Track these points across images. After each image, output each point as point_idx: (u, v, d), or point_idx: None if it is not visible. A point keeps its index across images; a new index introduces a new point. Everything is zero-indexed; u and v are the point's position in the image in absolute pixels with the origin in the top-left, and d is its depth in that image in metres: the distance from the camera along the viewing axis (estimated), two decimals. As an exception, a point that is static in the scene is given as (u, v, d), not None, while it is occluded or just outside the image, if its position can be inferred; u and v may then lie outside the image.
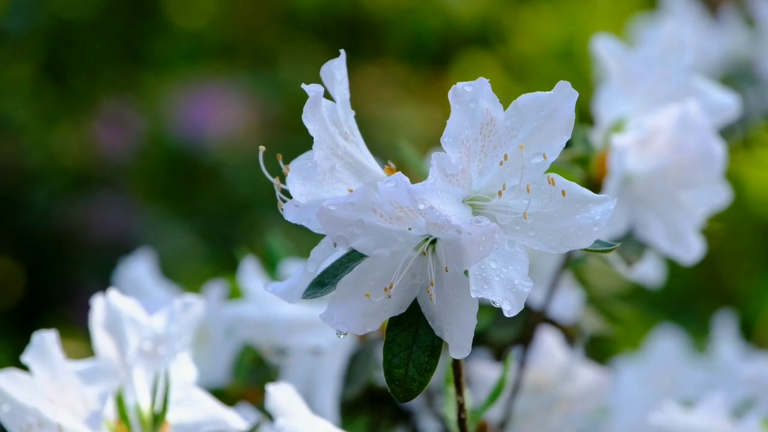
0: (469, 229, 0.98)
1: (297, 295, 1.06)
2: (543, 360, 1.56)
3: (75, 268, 3.65)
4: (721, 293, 3.46)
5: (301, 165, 1.04)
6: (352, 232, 0.99)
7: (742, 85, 1.65)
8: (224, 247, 3.36)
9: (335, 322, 1.02)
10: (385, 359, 1.04)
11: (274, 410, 1.15)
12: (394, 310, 1.04)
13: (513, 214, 1.03)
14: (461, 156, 1.01)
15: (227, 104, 3.89)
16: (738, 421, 1.55)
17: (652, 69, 1.48)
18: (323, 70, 1.05)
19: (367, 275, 1.02)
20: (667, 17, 2.09)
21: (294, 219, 1.04)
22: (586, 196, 1.03)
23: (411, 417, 1.62)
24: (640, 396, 1.96)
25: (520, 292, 1.00)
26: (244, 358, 1.64)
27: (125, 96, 3.90)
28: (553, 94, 1.03)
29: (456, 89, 1.01)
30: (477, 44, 3.96)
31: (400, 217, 0.99)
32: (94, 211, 3.72)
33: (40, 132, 3.76)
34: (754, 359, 2.01)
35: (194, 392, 1.28)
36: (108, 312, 1.24)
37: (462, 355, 1.02)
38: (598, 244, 1.03)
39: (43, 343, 1.19)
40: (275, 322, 1.53)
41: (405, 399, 1.04)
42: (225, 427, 1.28)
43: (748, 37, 2.27)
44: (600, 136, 1.47)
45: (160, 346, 1.25)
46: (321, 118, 1.04)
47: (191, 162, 3.83)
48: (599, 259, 1.59)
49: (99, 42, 3.91)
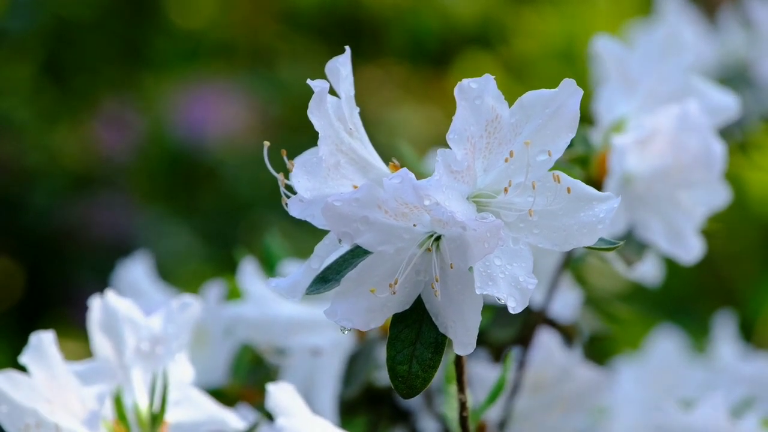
0: (474, 226, 0.98)
1: (300, 291, 1.06)
2: (542, 360, 1.56)
3: (75, 268, 3.65)
4: (721, 293, 3.46)
5: (305, 160, 1.05)
6: (356, 228, 0.99)
7: (738, 89, 1.65)
8: (224, 247, 3.35)
9: (339, 318, 1.02)
10: (389, 355, 1.03)
11: (274, 409, 1.15)
12: (398, 307, 1.04)
13: (518, 211, 1.03)
14: (466, 153, 1.01)
15: (227, 104, 3.89)
16: (737, 421, 1.55)
17: (652, 69, 1.48)
18: (328, 67, 1.05)
19: (371, 271, 1.02)
20: (664, 20, 2.09)
21: (299, 214, 1.04)
22: (590, 194, 1.03)
23: (410, 417, 1.62)
24: (639, 396, 1.95)
25: (524, 289, 1.00)
26: (242, 359, 1.64)
27: (125, 96, 3.90)
28: (558, 92, 1.03)
29: (462, 86, 1.01)
30: (477, 44, 3.96)
31: (404, 214, 0.99)
32: (94, 211, 3.72)
33: (40, 132, 3.76)
34: (753, 359, 2.01)
35: (192, 392, 1.28)
36: (105, 312, 1.25)
37: (466, 351, 1.02)
38: (602, 242, 1.04)
39: (41, 343, 1.19)
40: (274, 322, 1.53)
41: (408, 396, 1.04)
42: (223, 427, 1.28)
43: (744, 40, 2.27)
44: (600, 136, 1.47)
45: (158, 346, 1.25)
46: (326, 113, 1.04)
47: (191, 162, 3.83)
48: (599, 258, 1.59)
49: (99, 42, 3.91)
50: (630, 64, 1.49)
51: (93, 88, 3.91)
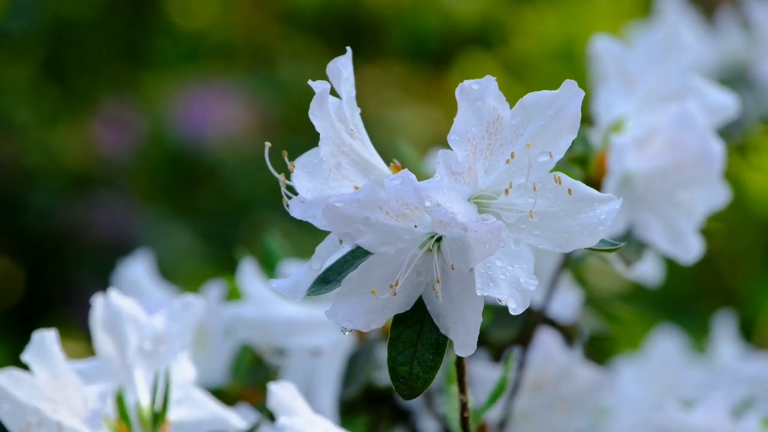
0: (475, 227, 0.98)
1: (301, 292, 1.06)
2: (542, 360, 1.56)
3: (75, 268, 3.65)
4: (721, 293, 3.46)
5: (307, 161, 1.05)
6: (357, 229, 0.99)
7: (737, 89, 1.64)
8: (224, 248, 3.35)
9: (340, 319, 1.02)
10: (390, 356, 1.03)
11: (275, 409, 1.15)
12: (399, 308, 1.04)
13: (519, 212, 1.03)
14: (468, 154, 1.01)
15: (227, 104, 3.89)
16: (738, 420, 1.55)
17: (651, 69, 1.48)
18: (329, 67, 1.05)
19: (372, 272, 1.02)
20: (663, 21, 2.09)
21: (300, 215, 1.04)
22: (591, 196, 1.03)
23: (410, 417, 1.62)
24: (639, 396, 1.95)
25: (525, 290, 1.00)
26: (242, 359, 1.64)
27: (125, 96, 3.90)
28: (559, 93, 1.03)
29: (463, 87, 1.01)
30: (477, 44, 3.96)
31: (405, 215, 0.99)
32: (94, 211, 3.72)
33: (40, 132, 3.76)
34: (753, 359, 2.01)
35: (194, 392, 1.28)
36: (108, 311, 1.25)
37: (467, 353, 1.02)
38: (603, 244, 1.04)
39: (43, 341, 1.19)
40: (274, 322, 1.53)
41: (409, 396, 1.04)
42: (225, 426, 1.29)
43: (743, 41, 2.27)
44: (599, 135, 1.47)
45: (161, 345, 1.25)
46: (327, 114, 1.04)
47: (191, 162, 3.83)
48: (599, 258, 1.59)
49: (99, 42, 3.91)
50: (629, 64, 1.49)
51: (93, 88, 3.91)
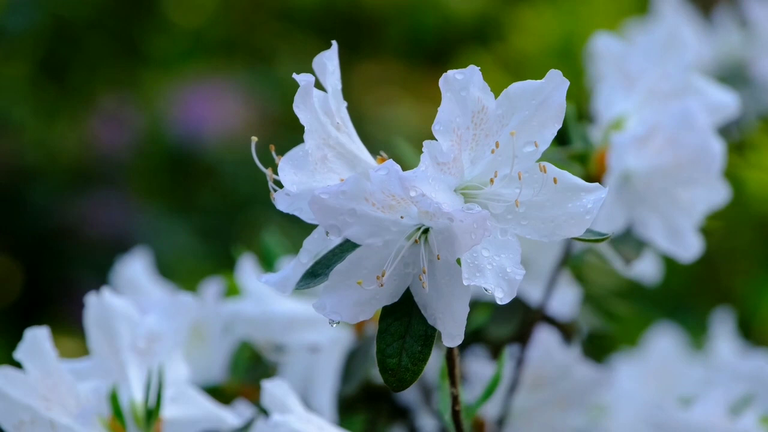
0: (461, 217, 0.97)
1: (290, 286, 1.06)
2: (541, 357, 1.56)
3: (73, 266, 3.65)
4: (720, 291, 3.46)
5: (292, 155, 1.04)
6: (344, 221, 0.99)
7: (735, 88, 1.64)
8: (222, 245, 3.35)
9: (328, 311, 1.02)
10: (379, 349, 1.03)
11: (269, 406, 1.16)
12: (386, 299, 1.03)
13: (505, 202, 1.03)
14: (453, 144, 1.01)
15: (225, 102, 3.89)
16: (736, 418, 1.56)
17: (651, 67, 1.48)
18: (315, 61, 1.05)
19: (359, 264, 1.01)
20: (661, 19, 2.08)
21: (285, 208, 1.04)
22: (577, 185, 1.03)
23: (408, 414, 1.62)
24: (638, 393, 1.95)
25: (512, 280, 1.00)
26: (241, 356, 1.64)
27: (123, 93, 3.90)
28: (544, 83, 1.02)
29: (447, 77, 1.00)
30: (475, 41, 3.96)
31: (392, 206, 0.99)
32: (93, 208, 3.71)
33: (39, 129, 3.76)
34: (752, 356, 2.01)
35: (188, 389, 1.28)
36: (101, 309, 1.25)
37: (454, 343, 1.02)
38: (590, 234, 1.03)
39: (36, 339, 1.18)
40: (273, 319, 1.53)
41: (398, 389, 1.03)
42: (219, 424, 1.29)
43: (741, 39, 2.27)
44: (599, 133, 1.47)
45: (154, 343, 1.25)
46: (312, 107, 1.03)
47: (189, 159, 3.83)
48: (597, 256, 1.59)
49: (97, 39, 3.91)
50: (630, 62, 1.48)
51: (91, 85, 3.91)
